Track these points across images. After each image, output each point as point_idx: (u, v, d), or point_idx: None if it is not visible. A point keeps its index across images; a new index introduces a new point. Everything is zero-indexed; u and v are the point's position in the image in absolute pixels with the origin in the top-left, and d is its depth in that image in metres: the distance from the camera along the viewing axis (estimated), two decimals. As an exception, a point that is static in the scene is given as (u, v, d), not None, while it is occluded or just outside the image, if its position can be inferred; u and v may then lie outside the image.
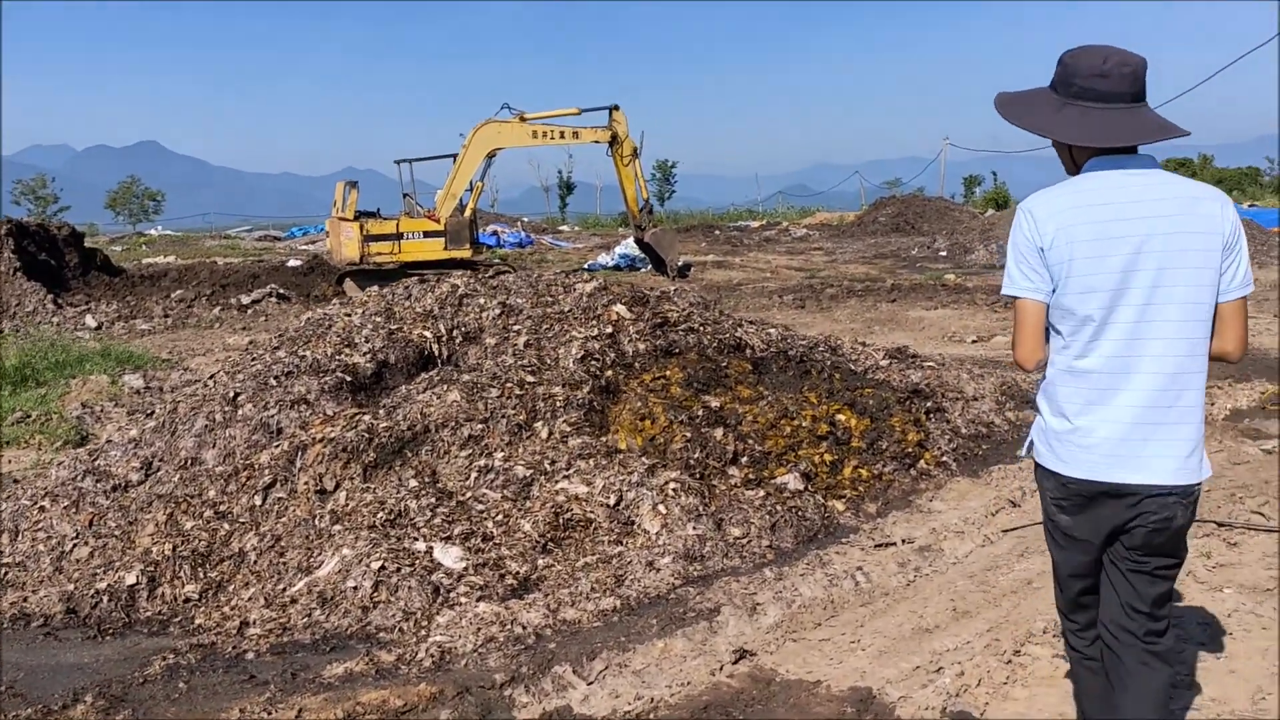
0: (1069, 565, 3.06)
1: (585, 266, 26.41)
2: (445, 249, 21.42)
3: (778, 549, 5.69)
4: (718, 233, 39.45)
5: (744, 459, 6.26)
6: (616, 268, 25.90)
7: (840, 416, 6.91)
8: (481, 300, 7.84)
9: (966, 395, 7.91)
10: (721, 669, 4.28)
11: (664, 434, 6.53)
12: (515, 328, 7.54)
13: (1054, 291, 2.85)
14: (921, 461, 6.82)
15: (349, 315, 7.84)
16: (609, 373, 7.10)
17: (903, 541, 5.57)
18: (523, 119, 22.38)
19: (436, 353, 7.47)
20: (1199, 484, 2.87)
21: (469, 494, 5.99)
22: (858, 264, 25.73)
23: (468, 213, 21.95)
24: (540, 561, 5.51)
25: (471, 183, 22.23)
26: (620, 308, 7.64)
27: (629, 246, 25.84)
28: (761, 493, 6.03)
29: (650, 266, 24.31)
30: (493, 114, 22.27)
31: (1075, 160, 2.92)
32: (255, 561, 5.76)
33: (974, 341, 13.20)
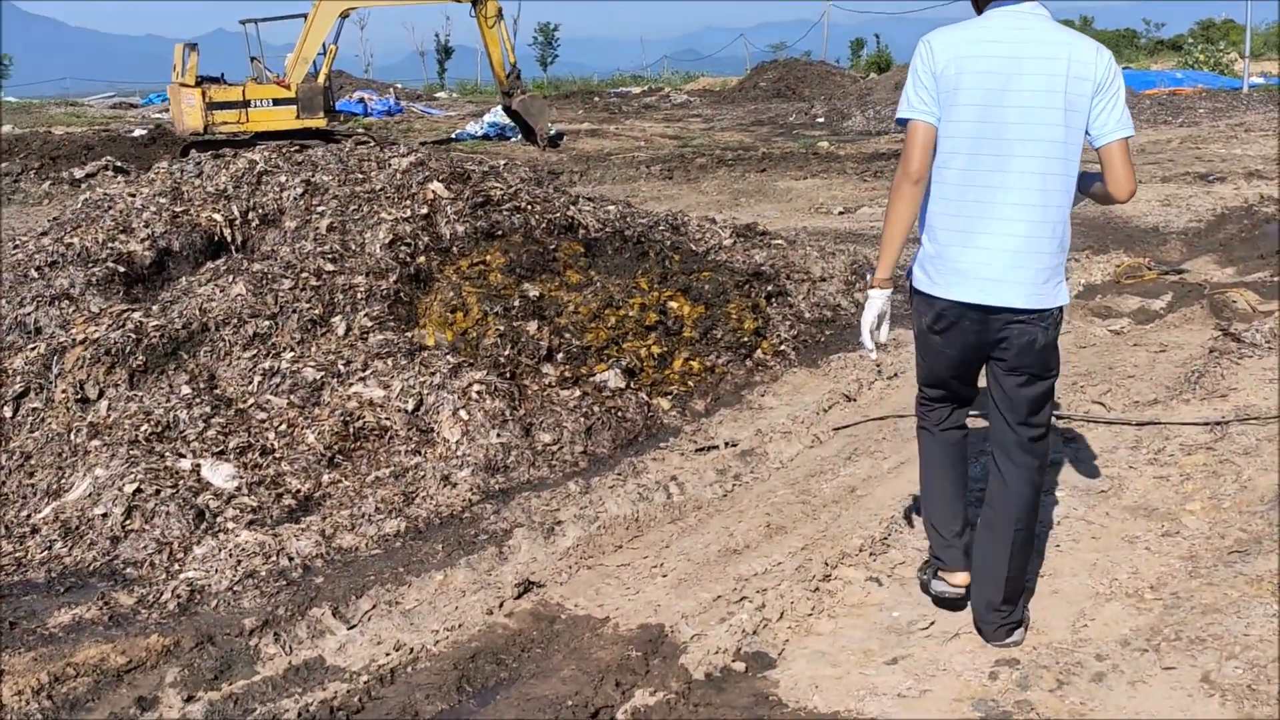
0: (934, 373, 3.38)
1: (453, 136, 25.26)
2: (297, 117, 20.09)
3: (592, 455, 5.19)
4: (597, 100, 38.28)
5: (560, 355, 5.70)
6: (485, 137, 24.80)
7: (672, 304, 6.38)
8: (283, 178, 7.03)
9: (814, 276, 7.44)
10: (501, 606, 3.78)
11: (476, 327, 5.92)
12: (319, 209, 6.78)
13: (940, 116, 3.09)
14: (758, 351, 6.35)
15: (131, 196, 6.97)
16: (420, 259, 6.43)
17: (726, 445, 5.12)
18: (379, -24, 20.93)
19: (229, 238, 6.68)
20: (1057, 308, 3.14)
21: (250, 401, 5.34)
22: (734, 131, 25.05)
23: (321, 78, 20.56)
24: (325, 478, 4.92)
25: (325, 45, 20.79)
26: (437, 185, 6.92)
27: (498, 115, 24.69)
28: (578, 392, 5.49)
29: (520, 136, 23.28)
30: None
31: (977, 9, 3.22)
32: (2, 483, 5.05)
33: (841, 213, 12.79)
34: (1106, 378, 5.55)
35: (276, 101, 20.05)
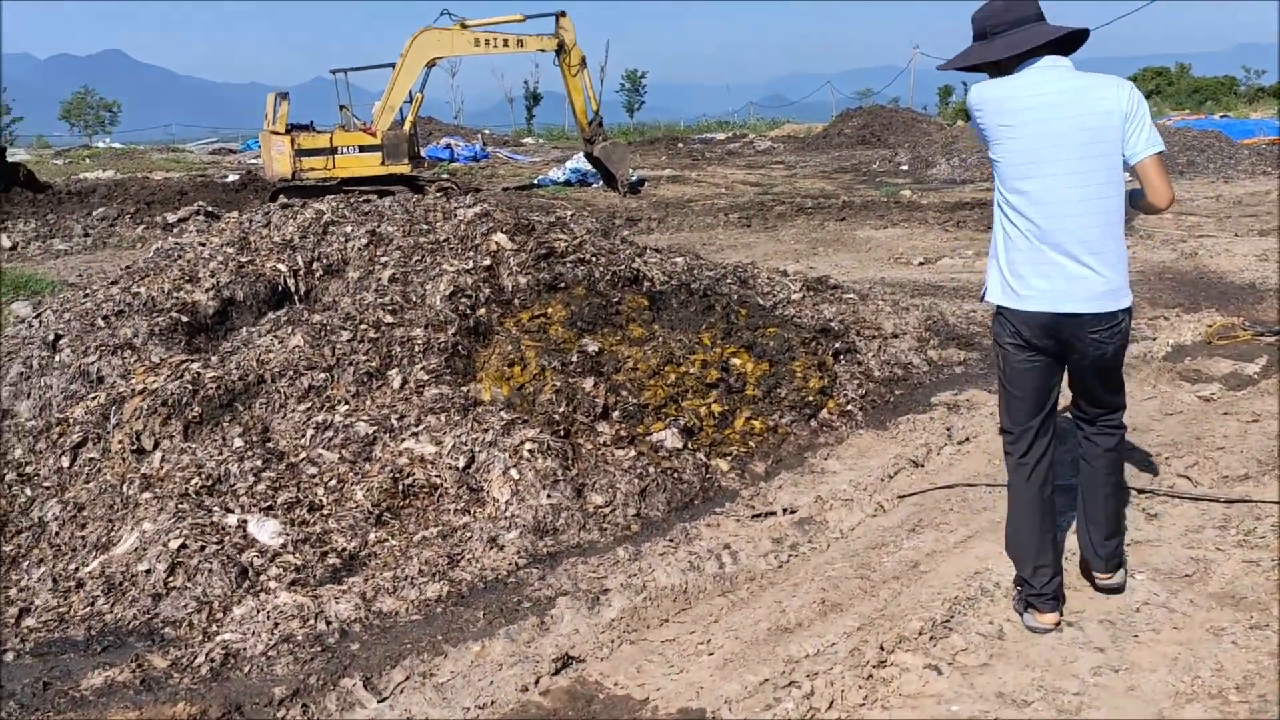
0: (1018, 395, 3.74)
1: (536, 182, 25.47)
2: (382, 164, 20.43)
3: (645, 519, 5.01)
4: (681, 145, 38.38)
5: (616, 412, 5.55)
6: (567, 183, 24.95)
7: (735, 361, 6.19)
8: (349, 229, 7.03)
9: (885, 332, 7.20)
10: (537, 682, 3.61)
11: (534, 382, 5.81)
12: (382, 259, 6.75)
13: (994, 158, 3.62)
14: (824, 411, 6.12)
15: (201, 246, 7.03)
16: (481, 311, 6.35)
17: (784, 511, 4.90)
18: (463, 26, 21.26)
19: (293, 288, 6.68)
20: (1123, 309, 3.54)
21: (302, 455, 5.27)
22: (816, 178, 24.85)
23: (406, 125, 20.89)
24: (372, 536, 4.82)
25: (411, 93, 21.16)
26: (501, 237, 6.85)
27: (580, 161, 24.83)
28: (634, 452, 5.33)
29: (602, 182, 23.37)
30: (433, 20, 21.18)
31: (1005, 72, 3.64)
32: (56, 534, 5.05)
33: (920, 264, 12.49)
34: (1194, 449, 5.21)
35: (362, 148, 20.41)
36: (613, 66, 39.89)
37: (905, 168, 25.44)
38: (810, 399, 6.08)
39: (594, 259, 7.00)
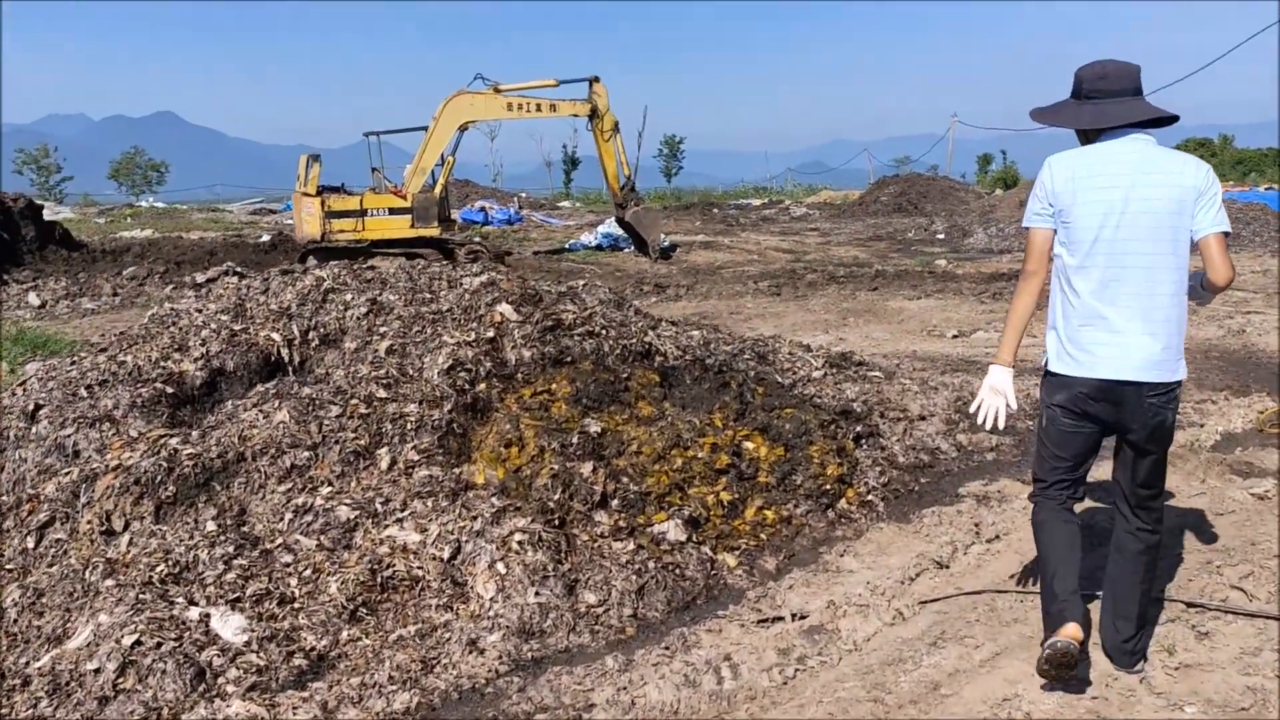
0: (1056, 457, 3.85)
1: (567, 246, 25.32)
2: (412, 226, 20.32)
3: (642, 620, 4.60)
4: (716, 211, 38.24)
5: (615, 501, 5.15)
6: (599, 247, 24.77)
7: (748, 444, 5.80)
8: (349, 296, 6.74)
9: (911, 414, 6.77)
10: (501, 819, 3.20)
11: (532, 465, 5.44)
12: (381, 329, 6.44)
13: (1061, 225, 3.68)
14: (843, 500, 5.70)
15: (198, 312, 6.76)
16: (480, 386, 6.00)
17: (793, 616, 4.47)
18: (497, 90, 21.24)
19: (286, 358, 6.38)
20: (1176, 382, 3.64)
21: (279, 541, 4.92)
22: (851, 246, 24.51)
23: (437, 189, 20.81)
24: (345, 634, 4.44)
25: (443, 156, 21.12)
26: (506, 307, 6.53)
27: (612, 226, 24.66)
28: (633, 545, 4.92)
29: (633, 247, 23.17)
30: (466, 84, 21.20)
31: (1090, 140, 3.76)
32: (14, 621, 4.71)
33: (954, 337, 12.06)
34: (1248, 556, 4.73)
35: (392, 211, 20.33)
36: (652, 132, 39.86)
37: (941, 236, 25.07)
38: (828, 487, 5.66)
39: (604, 332, 6.66)
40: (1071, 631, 3.62)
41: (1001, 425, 3.89)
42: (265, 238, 24.92)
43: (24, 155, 64.14)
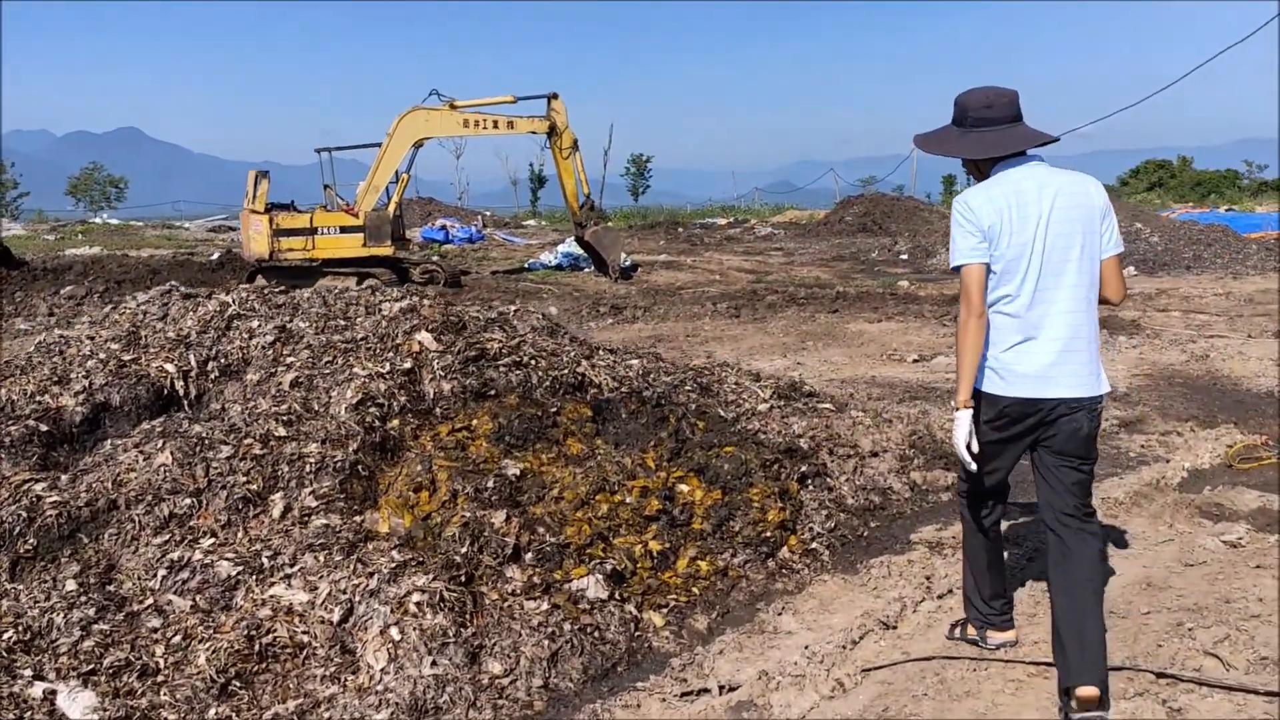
0: (989, 475, 3.93)
1: (526, 265, 24.81)
2: (364, 245, 19.76)
3: (553, 691, 4.09)
4: (681, 230, 37.86)
5: (530, 554, 4.64)
6: (559, 267, 24.29)
7: (683, 487, 5.32)
8: (255, 323, 6.22)
9: (862, 450, 6.31)
10: None
11: (443, 511, 4.93)
12: (289, 360, 5.93)
13: (991, 257, 3.71)
14: (785, 549, 5.22)
15: (90, 339, 6.21)
16: (394, 423, 5.50)
17: (721, 689, 3.97)
18: (453, 106, 20.77)
19: (181, 391, 5.85)
20: (1100, 395, 3.75)
21: (148, 602, 4.38)
22: (814, 266, 24.16)
23: (391, 207, 20.27)
24: (212, 712, 3.90)
25: (397, 174, 20.60)
26: (425, 336, 6.03)
27: (573, 245, 24.19)
28: (547, 604, 4.41)
29: (594, 267, 22.71)
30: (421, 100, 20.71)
31: (981, 169, 3.88)
32: None
33: (914, 361, 11.65)
34: (1222, 617, 4.26)
35: (344, 229, 19.78)
36: (619, 150, 39.52)
37: (905, 256, 24.77)
38: (768, 534, 5.18)
39: (533, 362, 6.17)
40: (1010, 636, 4.22)
41: (975, 451, 3.83)
42: (215, 256, 24.25)
43: (-23, 172, 62.98)
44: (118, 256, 25.01)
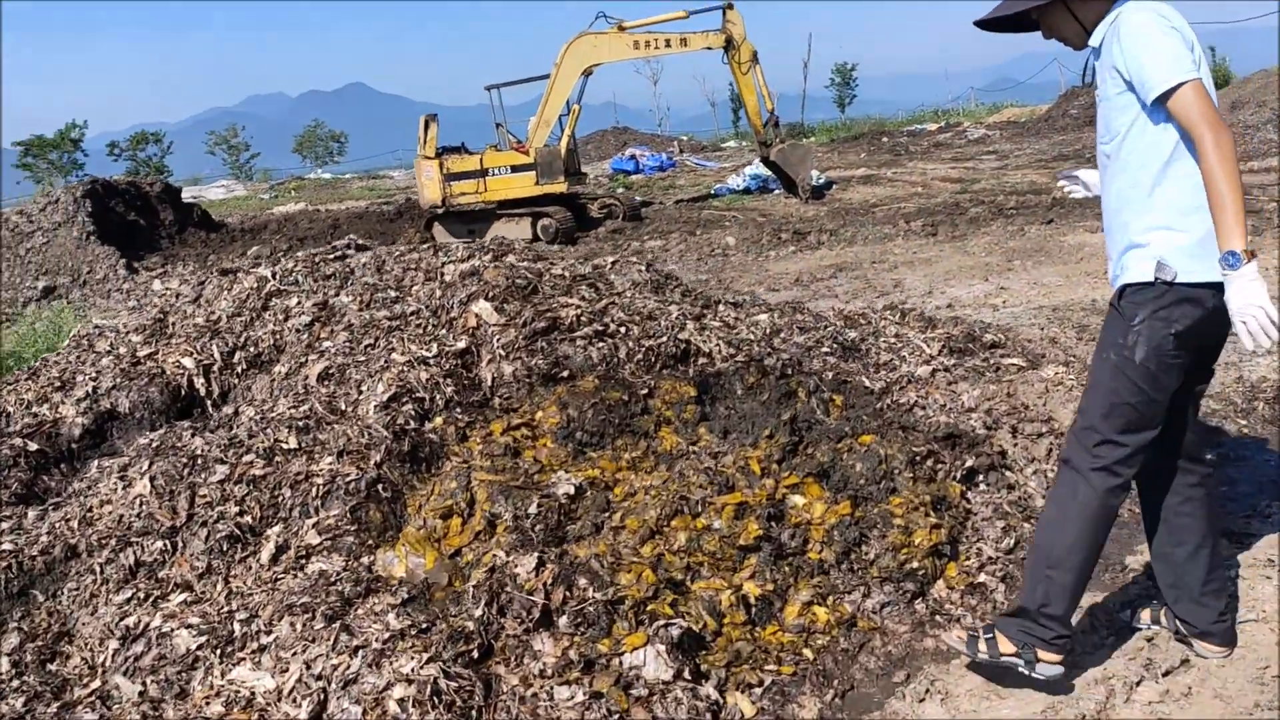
0: (1156, 408, 2.95)
1: (713, 191, 23.40)
2: (536, 184, 18.85)
3: (581, 831, 2.88)
4: (885, 140, 35.37)
5: (566, 616, 3.40)
6: (746, 190, 22.78)
7: (797, 498, 3.95)
8: (294, 300, 5.20)
9: (1060, 427, 4.73)
10: None
11: (477, 545, 3.77)
12: (324, 344, 4.88)
13: None
14: (940, 583, 3.78)
15: (116, 331, 5.36)
16: (436, 421, 4.37)
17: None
18: (621, 28, 19.51)
19: (204, 391, 4.90)
20: None
21: (91, 687, 3.42)
22: (1029, 169, 21.65)
23: (564, 140, 19.28)
24: None
25: (568, 105, 19.56)
26: (483, 306, 4.85)
27: (759, 166, 22.60)
28: (584, 692, 3.17)
29: (782, 188, 21.11)
30: (588, 24, 19.57)
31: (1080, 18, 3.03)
32: None
33: (1146, 278, 9.67)
34: None
35: (515, 168, 18.93)
36: (821, 60, 37.22)
37: (1138, 150, 21.84)
38: (914, 565, 3.75)
39: (622, 330, 4.90)
40: (1062, 663, 3.08)
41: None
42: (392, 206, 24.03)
43: (215, 137, 66.22)
44: (309, 212, 25.16)
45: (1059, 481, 3.08)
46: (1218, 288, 2.76)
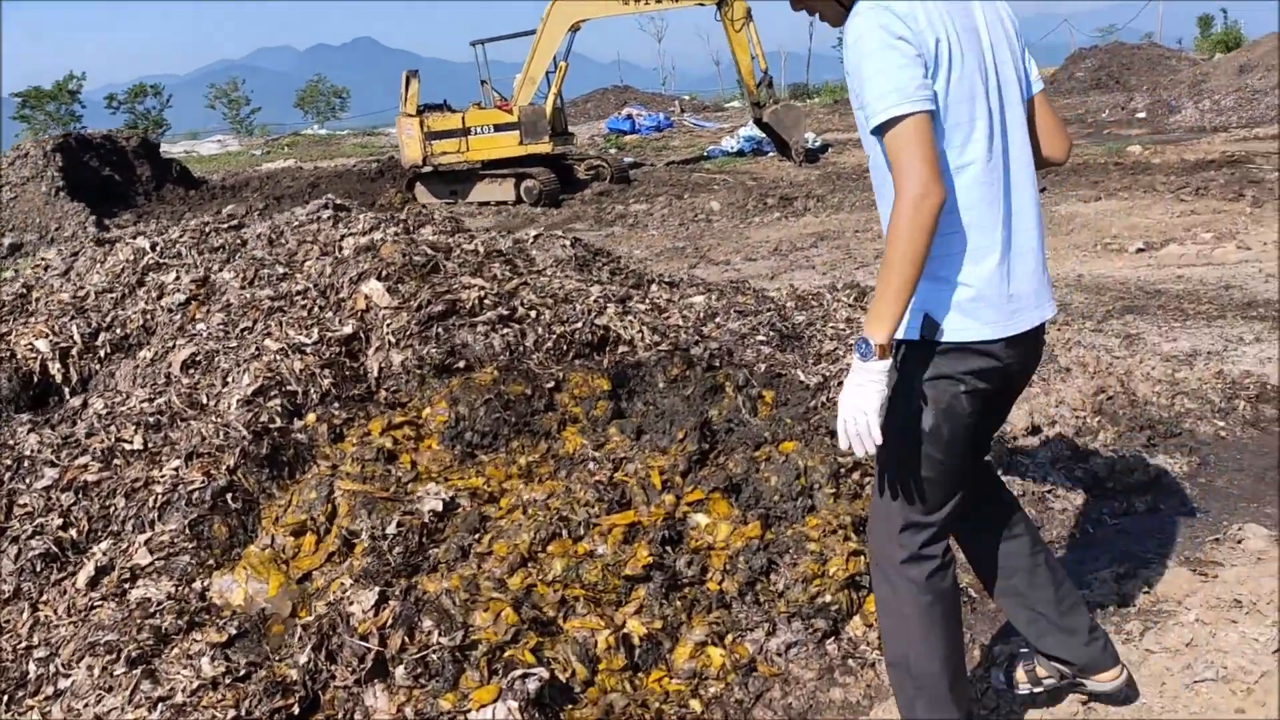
0: (955, 471, 2.45)
1: (705, 153, 22.78)
2: (520, 143, 18.22)
3: None
4: (887, 102, 34.56)
5: (403, 666, 2.89)
6: (740, 153, 22.18)
7: (699, 518, 3.44)
8: (173, 275, 4.68)
9: (1011, 430, 4.20)
10: None
11: (328, 569, 3.27)
12: (197, 327, 4.36)
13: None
14: (857, 619, 3.27)
15: (-16, 307, 4.84)
16: (310, 417, 3.86)
17: None
18: (610, -18, 18.83)
19: (61, 378, 4.39)
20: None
21: None
22: (1031, 133, 20.97)
23: (550, 99, 18.64)
24: None
25: (555, 62, 18.89)
26: (374, 286, 4.32)
27: (753, 128, 21.96)
28: (414, 759, 2.68)
29: (776, 150, 20.49)
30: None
31: None
32: None
33: (1138, 250, 9.17)
34: None
35: (498, 127, 18.30)
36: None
37: (1142, 115, 21.14)
38: (828, 598, 3.24)
39: (531, 314, 4.38)
40: None
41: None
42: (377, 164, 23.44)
43: (215, 90, 65.32)
44: (292, 170, 24.57)
45: (875, 587, 2.60)
46: (1007, 342, 2.34)
